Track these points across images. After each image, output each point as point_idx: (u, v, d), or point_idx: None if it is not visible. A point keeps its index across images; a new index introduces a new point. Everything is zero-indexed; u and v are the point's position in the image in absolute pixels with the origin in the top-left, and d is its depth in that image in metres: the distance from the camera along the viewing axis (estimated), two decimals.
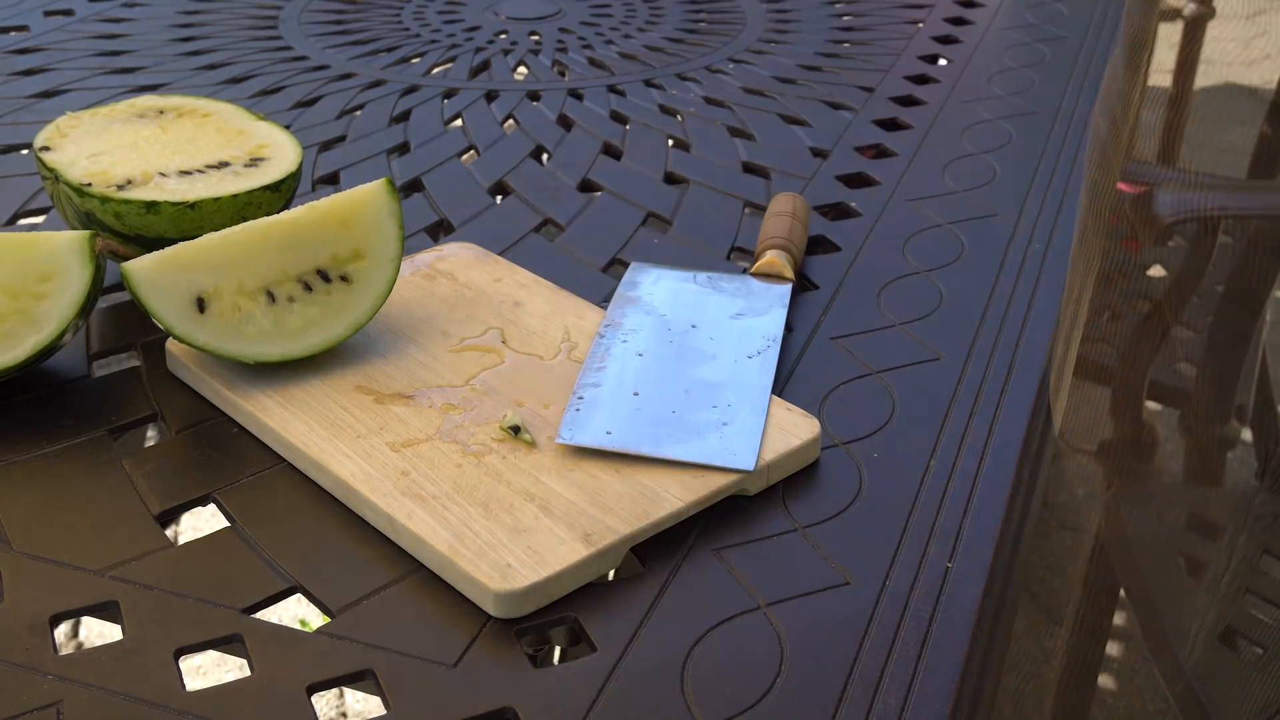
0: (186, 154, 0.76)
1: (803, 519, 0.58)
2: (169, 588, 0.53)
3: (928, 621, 0.52)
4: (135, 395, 0.66)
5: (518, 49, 1.20)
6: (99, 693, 0.48)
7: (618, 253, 0.82)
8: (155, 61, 1.13)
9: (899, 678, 0.50)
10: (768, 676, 0.50)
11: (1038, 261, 0.82)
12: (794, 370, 0.69)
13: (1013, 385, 0.68)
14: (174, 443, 0.63)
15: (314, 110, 1.03)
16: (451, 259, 0.76)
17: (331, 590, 0.54)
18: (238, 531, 0.57)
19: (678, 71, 1.14)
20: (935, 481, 0.61)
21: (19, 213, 0.86)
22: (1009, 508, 0.59)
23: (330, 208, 0.66)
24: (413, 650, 0.50)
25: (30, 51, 1.15)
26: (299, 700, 0.48)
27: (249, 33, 1.21)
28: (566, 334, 0.69)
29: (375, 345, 0.67)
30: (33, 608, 0.52)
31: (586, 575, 0.54)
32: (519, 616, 0.52)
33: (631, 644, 0.51)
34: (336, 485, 0.58)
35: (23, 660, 0.50)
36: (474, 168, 0.94)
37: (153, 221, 0.71)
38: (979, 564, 0.56)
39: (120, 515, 0.58)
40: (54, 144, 0.75)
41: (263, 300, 0.64)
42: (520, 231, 0.84)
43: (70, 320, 0.64)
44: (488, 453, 0.59)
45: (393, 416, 0.62)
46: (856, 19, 1.31)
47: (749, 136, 1.01)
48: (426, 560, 0.54)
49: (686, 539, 0.57)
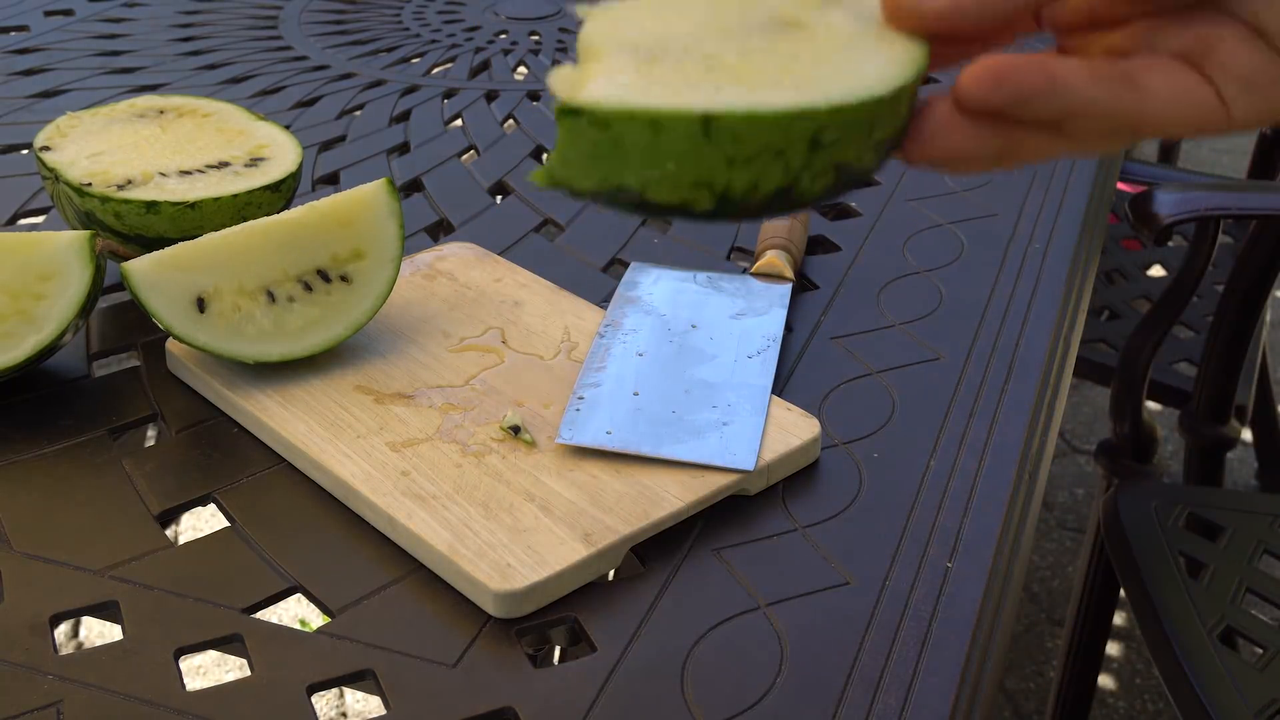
0: (186, 154, 0.76)
1: (803, 519, 0.58)
2: (169, 588, 0.53)
3: (928, 621, 0.52)
4: (135, 395, 0.66)
5: (518, 49, 1.20)
6: (99, 693, 0.48)
7: (618, 253, 0.82)
8: (155, 61, 1.13)
9: (899, 678, 0.50)
10: (768, 676, 0.50)
11: (1038, 261, 0.82)
12: (794, 370, 0.69)
13: (1013, 385, 0.68)
14: (174, 443, 0.63)
15: (314, 110, 1.03)
16: (451, 259, 0.76)
17: (331, 590, 0.54)
18: (238, 531, 0.57)
19: None
20: (935, 481, 0.61)
21: (19, 213, 0.86)
22: (1009, 508, 0.59)
23: (330, 208, 0.66)
24: (413, 650, 0.50)
25: (30, 51, 1.15)
26: (299, 700, 0.48)
27: (249, 33, 1.21)
28: (566, 334, 0.69)
29: (375, 345, 0.67)
30: (33, 608, 0.52)
31: (586, 575, 0.54)
32: (519, 616, 0.52)
33: (631, 644, 0.51)
34: (336, 485, 0.58)
35: (22, 660, 0.50)
36: (474, 168, 0.94)
37: (153, 221, 0.71)
38: (979, 564, 0.56)
39: (120, 515, 0.58)
40: (54, 144, 0.75)
41: (263, 300, 0.64)
42: (520, 231, 0.84)
43: (70, 320, 0.64)
44: (488, 453, 0.59)
45: (393, 416, 0.62)
46: None
47: None
48: (426, 560, 0.54)
49: (686, 539, 0.57)
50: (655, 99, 0.37)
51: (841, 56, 0.39)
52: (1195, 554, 1.03)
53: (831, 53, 0.39)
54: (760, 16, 0.40)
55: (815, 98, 0.37)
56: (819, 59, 0.38)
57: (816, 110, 0.37)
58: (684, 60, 0.38)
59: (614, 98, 0.37)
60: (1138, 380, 1.22)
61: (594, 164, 0.37)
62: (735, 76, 0.38)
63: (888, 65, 0.38)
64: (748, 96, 0.37)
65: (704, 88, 0.37)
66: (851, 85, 0.37)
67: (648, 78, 0.38)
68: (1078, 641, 1.21)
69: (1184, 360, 1.42)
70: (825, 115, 0.37)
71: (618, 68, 0.38)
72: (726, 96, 0.37)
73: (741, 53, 0.39)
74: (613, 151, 0.37)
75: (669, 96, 0.37)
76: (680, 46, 0.39)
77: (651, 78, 0.38)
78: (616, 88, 0.37)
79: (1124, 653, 1.65)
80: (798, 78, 0.38)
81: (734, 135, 0.36)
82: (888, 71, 0.38)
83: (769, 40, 0.39)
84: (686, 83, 0.37)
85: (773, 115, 0.36)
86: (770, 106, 0.36)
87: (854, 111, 0.37)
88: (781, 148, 0.37)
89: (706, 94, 0.37)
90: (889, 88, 0.38)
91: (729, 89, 0.37)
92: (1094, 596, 1.18)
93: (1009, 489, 0.61)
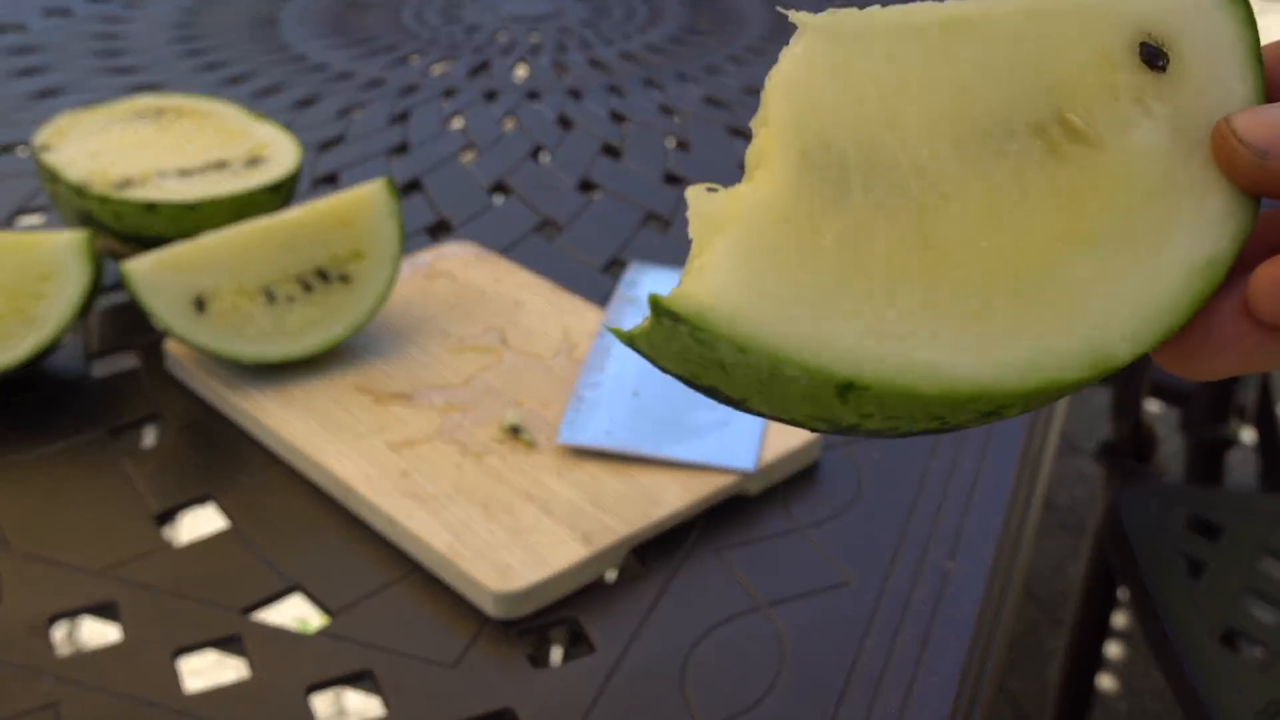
0: (185, 154, 0.76)
1: (803, 519, 0.58)
2: (168, 588, 0.53)
3: (928, 621, 0.52)
4: (134, 395, 0.66)
5: (518, 49, 1.19)
6: (98, 693, 0.48)
7: (618, 253, 0.82)
8: (154, 61, 1.13)
9: (899, 678, 0.50)
10: (768, 676, 0.49)
11: None
12: None
13: None
14: (174, 443, 0.63)
15: (313, 110, 1.03)
16: (451, 259, 0.76)
17: (331, 590, 0.53)
18: (237, 531, 0.57)
19: (678, 71, 1.14)
20: (935, 481, 0.61)
21: (18, 213, 0.86)
22: (1009, 508, 0.59)
23: (330, 208, 0.66)
24: (412, 650, 0.50)
25: (29, 51, 1.14)
26: (298, 701, 0.48)
27: (249, 33, 1.21)
28: (566, 334, 0.69)
29: (375, 345, 0.67)
30: (32, 608, 0.52)
31: (586, 575, 0.54)
32: (519, 617, 0.52)
33: (631, 644, 0.51)
34: (336, 485, 0.58)
35: (22, 660, 0.49)
36: (474, 168, 0.94)
37: (152, 222, 0.71)
38: (979, 564, 0.56)
39: (120, 515, 0.57)
40: (53, 144, 0.75)
41: (262, 300, 0.64)
42: (520, 231, 0.84)
43: (69, 320, 0.64)
44: (487, 453, 0.59)
45: (392, 416, 0.62)
46: None
47: (748, 136, 1.01)
48: (426, 560, 0.54)
49: (686, 539, 0.57)
50: (790, 335, 0.25)
51: (1137, 245, 0.26)
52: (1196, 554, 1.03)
53: (1122, 220, 0.26)
54: (1025, 103, 0.26)
55: (1047, 367, 0.25)
56: (1104, 247, 0.25)
57: (1022, 391, 0.25)
58: (875, 218, 0.25)
59: (731, 315, 0.25)
60: (1138, 380, 1.22)
61: (685, 364, 0.27)
62: (958, 280, 0.25)
63: (1190, 280, 0.26)
64: (951, 361, 0.25)
65: (892, 332, 0.25)
66: (1126, 328, 0.25)
67: (801, 275, 0.25)
68: (1078, 642, 1.21)
69: None
70: (1032, 392, 0.25)
71: (759, 245, 0.25)
72: (922, 357, 0.25)
73: (980, 208, 0.25)
74: (714, 367, 0.26)
75: (814, 334, 0.25)
76: (881, 175, 0.26)
77: (807, 275, 0.25)
78: (742, 294, 0.25)
79: (1124, 653, 1.65)
80: (1061, 292, 0.25)
81: (880, 403, 0.26)
82: (1186, 291, 0.26)
83: (1030, 166, 0.26)
84: (860, 310, 0.25)
85: (943, 395, 0.25)
86: (951, 382, 0.25)
87: (1074, 387, 0.26)
88: (941, 415, 0.26)
89: (892, 349, 0.25)
90: (1158, 336, 0.26)
91: (932, 343, 0.25)
92: (1094, 596, 1.18)
93: (1009, 489, 0.60)
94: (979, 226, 0.26)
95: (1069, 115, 0.26)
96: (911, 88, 0.26)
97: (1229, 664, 0.92)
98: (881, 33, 0.26)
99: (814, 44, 0.26)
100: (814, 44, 0.26)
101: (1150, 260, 0.26)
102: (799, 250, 0.26)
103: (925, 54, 0.26)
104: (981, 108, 0.26)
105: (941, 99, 0.26)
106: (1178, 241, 0.26)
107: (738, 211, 0.26)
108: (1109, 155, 0.26)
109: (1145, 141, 0.26)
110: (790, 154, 0.26)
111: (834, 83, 0.26)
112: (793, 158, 0.26)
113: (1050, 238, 0.26)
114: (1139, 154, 0.26)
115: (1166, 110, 0.26)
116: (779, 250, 0.25)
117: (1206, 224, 0.26)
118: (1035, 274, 0.25)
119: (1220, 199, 0.26)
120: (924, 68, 0.26)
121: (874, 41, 0.26)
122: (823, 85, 0.26)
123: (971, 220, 0.26)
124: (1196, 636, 0.94)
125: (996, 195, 0.26)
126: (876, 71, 0.26)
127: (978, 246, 0.25)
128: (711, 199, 0.27)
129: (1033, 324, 0.25)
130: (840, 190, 0.26)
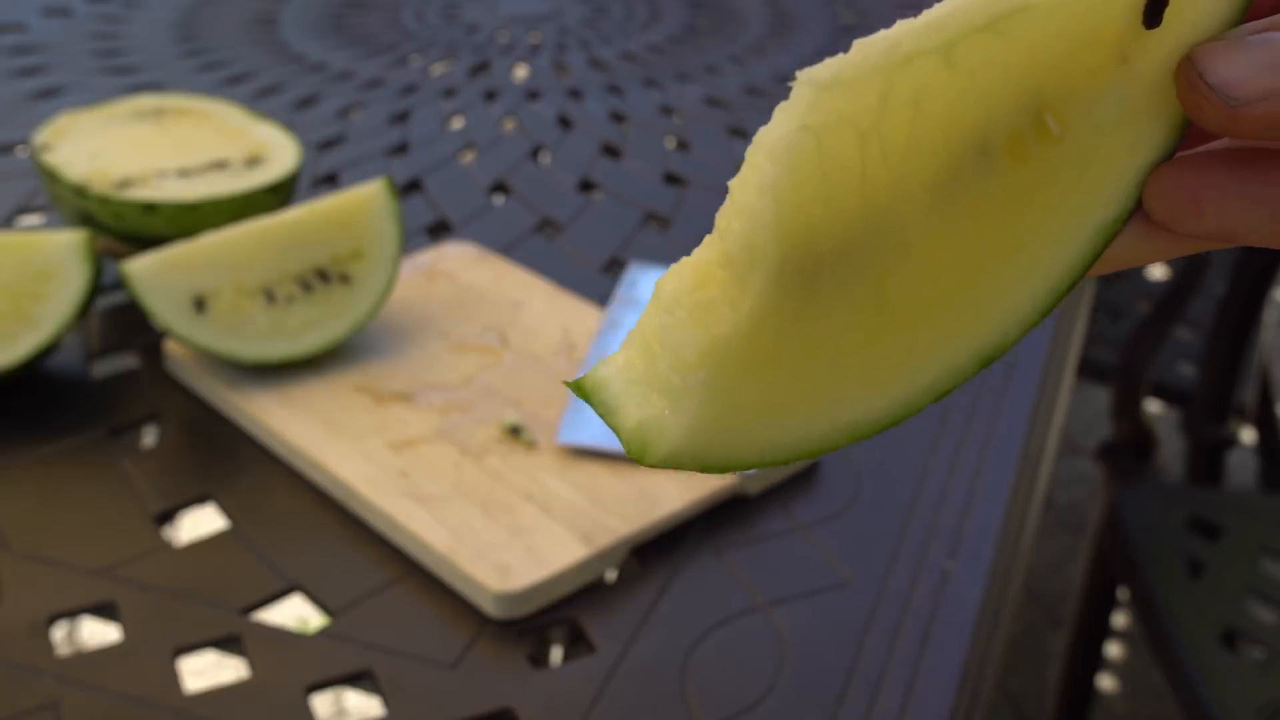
0: (185, 154, 0.76)
1: (803, 519, 0.58)
2: (168, 588, 0.53)
3: (928, 621, 0.52)
4: (135, 395, 0.66)
5: (517, 49, 1.19)
6: (98, 693, 0.48)
7: (617, 253, 0.82)
8: (154, 61, 1.13)
9: (899, 678, 0.50)
10: (768, 676, 0.49)
11: None
12: None
13: (1013, 385, 0.68)
14: (173, 443, 0.62)
15: (313, 110, 1.03)
16: (451, 259, 0.76)
17: (331, 590, 0.53)
18: (237, 531, 0.57)
19: (678, 71, 1.14)
20: (935, 481, 0.61)
21: (18, 212, 0.86)
22: (1009, 508, 0.59)
23: (329, 208, 0.66)
24: (412, 650, 0.50)
25: (29, 51, 1.14)
26: (298, 701, 0.48)
27: (248, 33, 1.21)
28: (566, 334, 0.69)
29: (375, 345, 0.67)
30: (32, 608, 0.52)
31: (586, 575, 0.54)
32: (519, 617, 0.52)
33: (631, 644, 0.51)
34: (336, 485, 0.58)
35: (22, 660, 0.49)
36: (474, 168, 0.94)
37: (152, 222, 0.71)
38: (979, 564, 0.56)
39: (119, 515, 0.57)
40: (53, 144, 0.75)
41: (262, 300, 0.64)
42: (520, 231, 0.84)
43: (69, 320, 0.64)
44: (487, 453, 0.59)
45: (392, 417, 0.62)
46: (857, 19, 1.31)
47: (748, 137, 1.01)
48: (426, 560, 0.54)
49: (686, 539, 0.57)
50: (746, 454, 0.25)
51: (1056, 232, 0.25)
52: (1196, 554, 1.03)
53: (1057, 208, 0.24)
54: (1009, 110, 0.24)
55: (944, 384, 0.25)
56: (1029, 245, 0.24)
57: (919, 409, 0.26)
58: (837, 299, 0.24)
59: (697, 457, 0.25)
60: (1138, 380, 1.22)
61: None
62: (900, 330, 0.25)
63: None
64: (869, 413, 0.25)
65: (830, 412, 0.25)
66: (1023, 321, 0.25)
67: (763, 398, 0.25)
68: (1078, 642, 1.21)
69: (1184, 360, 1.42)
70: (927, 404, 0.26)
71: (726, 401, 0.25)
72: (845, 421, 0.25)
73: (937, 251, 0.24)
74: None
75: (768, 444, 0.25)
76: (851, 255, 0.24)
77: (768, 395, 0.25)
78: (708, 439, 0.25)
79: (1124, 653, 1.65)
80: (978, 305, 0.25)
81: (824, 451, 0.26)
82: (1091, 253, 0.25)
83: (994, 186, 0.24)
84: (810, 399, 0.25)
85: (857, 440, 0.26)
86: (868, 429, 0.25)
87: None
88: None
89: (825, 427, 0.25)
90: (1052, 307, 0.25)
91: (858, 404, 0.25)
92: (1094, 596, 1.18)
93: (1009, 489, 0.60)
94: (932, 271, 0.25)
95: (1046, 116, 0.25)
96: (898, 133, 0.24)
97: (1229, 664, 0.92)
98: (877, 69, 0.24)
99: (808, 113, 0.24)
100: (808, 113, 0.24)
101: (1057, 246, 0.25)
102: (764, 376, 0.25)
103: (919, 80, 0.24)
104: (964, 132, 0.24)
105: (930, 132, 0.24)
106: (1092, 215, 0.25)
107: (708, 345, 0.25)
108: (1065, 145, 0.25)
109: (1103, 117, 0.25)
110: (770, 265, 0.24)
111: (820, 164, 0.24)
112: (771, 270, 0.24)
113: (993, 251, 0.25)
114: (1093, 133, 0.25)
115: (1145, 59, 0.24)
116: (744, 389, 0.25)
117: (1129, 181, 0.25)
118: (967, 296, 0.25)
119: (1160, 131, 0.24)
120: (912, 107, 0.24)
121: (868, 83, 0.24)
122: (809, 170, 0.24)
123: (927, 266, 0.25)
124: (1196, 636, 0.94)
125: (955, 227, 0.24)
126: (862, 126, 0.24)
127: (928, 293, 0.25)
128: (675, 305, 0.26)
129: (940, 347, 0.25)
130: (811, 284, 0.24)
